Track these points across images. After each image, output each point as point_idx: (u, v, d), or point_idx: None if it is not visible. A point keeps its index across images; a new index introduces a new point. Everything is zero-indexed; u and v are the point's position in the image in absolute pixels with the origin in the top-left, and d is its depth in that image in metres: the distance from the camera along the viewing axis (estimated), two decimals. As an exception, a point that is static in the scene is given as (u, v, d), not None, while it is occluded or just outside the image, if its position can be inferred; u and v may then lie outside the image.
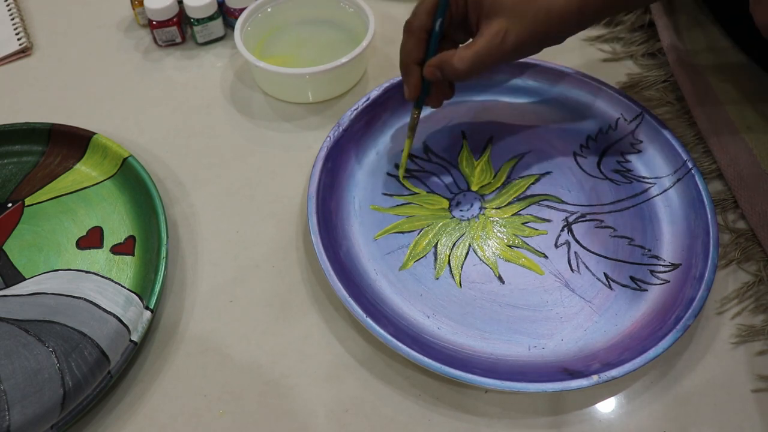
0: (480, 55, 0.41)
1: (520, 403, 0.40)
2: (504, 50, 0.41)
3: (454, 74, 0.42)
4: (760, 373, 0.41)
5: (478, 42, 0.41)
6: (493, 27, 0.40)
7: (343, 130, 0.50)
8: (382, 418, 0.40)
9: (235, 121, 0.55)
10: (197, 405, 0.40)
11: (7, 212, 0.48)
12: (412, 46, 0.43)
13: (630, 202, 0.48)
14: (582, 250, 0.46)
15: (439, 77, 0.43)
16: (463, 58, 0.41)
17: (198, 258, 0.47)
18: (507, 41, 0.40)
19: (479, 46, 0.41)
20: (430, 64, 0.43)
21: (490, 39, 0.40)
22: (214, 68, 0.60)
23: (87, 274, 0.45)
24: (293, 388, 0.41)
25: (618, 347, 0.41)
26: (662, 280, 0.44)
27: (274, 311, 0.44)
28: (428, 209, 0.48)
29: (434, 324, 0.42)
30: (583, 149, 0.51)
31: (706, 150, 0.51)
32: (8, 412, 0.38)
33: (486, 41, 0.40)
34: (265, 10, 0.58)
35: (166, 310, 0.44)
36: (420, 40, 0.43)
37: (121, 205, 0.49)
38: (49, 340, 0.41)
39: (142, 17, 0.62)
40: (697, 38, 0.56)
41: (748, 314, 0.43)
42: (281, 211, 0.49)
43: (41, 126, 0.51)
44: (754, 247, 0.46)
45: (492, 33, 0.40)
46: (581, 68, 0.55)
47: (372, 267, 0.45)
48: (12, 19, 0.64)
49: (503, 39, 0.40)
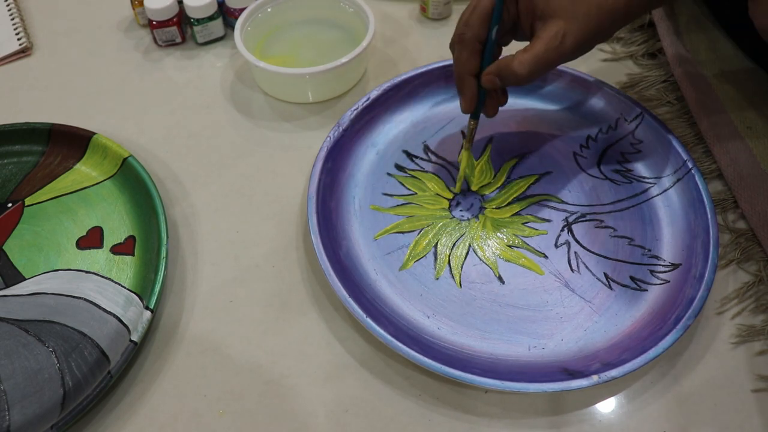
0: (540, 57, 0.40)
1: (520, 403, 0.40)
2: (564, 51, 0.40)
3: (515, 79, 0.41)
4: (760, 373, 0.41)
5: (537, 45, 0.40)
6: (550, 29, 0.40)
7: (343, 130, 0.50)
8: (382, 418, 0.40)
9: (235, 121, 0.55)
10: (197, 405, 0.40)
11: (7, 212, 0.48)
12: (467, 57, 0.42)
13: (630, 202, 0.48)
14: (582, 250, 0.46)
15: (498, 85, 0.42)
16: (523, 62, 0.40)
17: (198, 258, 0.47)
18: (566, 42, 0.40)
19: (538, 49, 0.40)
20: (488, 72, 0.42)
21: (548, 41, 0.40)
22: (214, 68, 0.60)
23: (87, 274, 0.45)
24: (293, 388, 0.41)
25: (618, 347, 0.41)
26: (662, 280, 0.44)
27: (274, 311, 0.44)
28: (428, 209, 0.48)
29: (434, 324, 0.42)
30: (583, 149, 0.51)
31: (706, 150, 0.51)
32: (8, 412, 0.38)
33: (545, 43, 0.40)
34: (265, 10, 0.58)
35: (166, 310, 0.44)
36: (474, 51, 0.42)
37: (121, 205, 0.49)
38: (49, 340, 0.41)
39: (142, 17, 0.62)
40: (697, 40, 0.56)
41: (748, 314, 0.43)
42: (281, 211, 0.49)
43: (41, 126, 0.51)
44: (754, 247, 0.46)
45: (550, 35, 0.40)
46: (581, 68, 0.55)
47: (372, 267, 0.45)
48: (12, 19, 0.64)
49: (562, 40, 0.40)
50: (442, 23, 0.63)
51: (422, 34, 0.62)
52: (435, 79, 0.54)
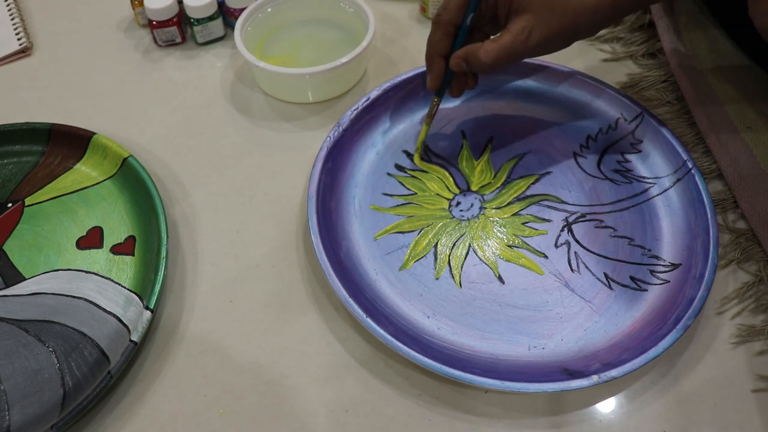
0: (505, 49, 0.42)
1: (520, 403, 0.40)
2: (528, 46, 0.42)
3: (480, 66, 0.43)
4: (760, 373, 0.41)
5: (504, 37, 0.42)
6: (519, 23, 0.42)
7: (343, 130, 0.50)
8: (382, 418, 0.40)
9: (235, 121, 0.55)
10: (197, 405, 0.40)
11: (7, 212, 0.48)
12: (439, 38, 0.45)
13: (630, 202, 0.48)
14: (582, 250, 0.46)
15: (465, 69, 0.44)
16: (488, 51, 0.42)
17: (198, 258, 0.47)
18: (532, 37, 0.42)
19: (504, 40, 0.42)
20: (456, 55, 0.44)
21: (515, 35, 0.42)
22: (214, 68, 0.60)
23: (87, 274, 0.45)
24: (293, 388, 0.41)
25: (618, 347, 0.41)
26: (662, 280, 0.44)
27: (274, 311, 0.44)
28: (428, 209, 0.48)
29: (434, 324, 0.42)
30: (583, 149, 0.51)
31: (706, 150, 0.51)
32: (8, 412, 0.38)
33: (511, 36, 0.42)
34: (265, 10, 0.58)
35: (166, 310, 0.44)
36: (447, 34, 0.44)
37: (121, 205, 0.49)
38: (49, 340, 0.41)
39: (142, 17, 0.62)
40: (697, 39, 0.56)
41: (748, 314, 0.43)
42: (281, 211, 0.49)
43: (41, 126, 0.51)
44: (754, 247, 0.46)
45: (518, 29, 0.41)
46: (581, 68, 0.55)
47: (372, 267, 0.45)
48: (12, 19, 0.64)
49: (528, 35, 0.41)
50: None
51: (422, 34, 0.62)
52: (435, 79, 0.54)
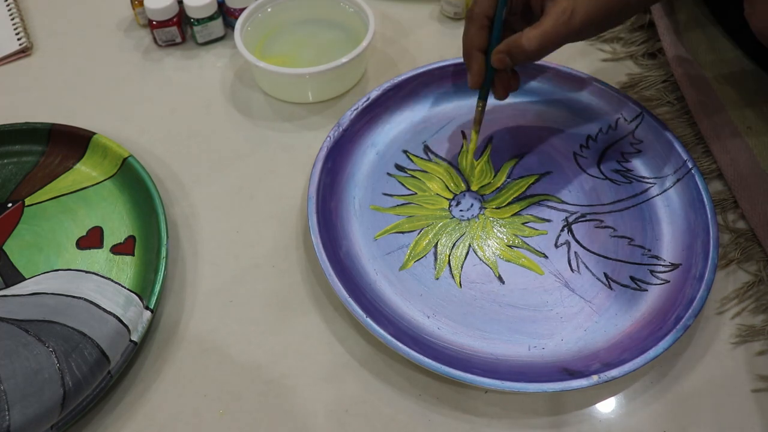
0: (548, 33, 0.40)
1: (520, 403, 0.40)
2: (573, 27, 0.40)
3: (524, 56, 0.41)
4: (760, 373, 0.41)
5: (546, 21, 0.41)
6: (559, 4, 0.40)
7: (343, 130, 0.50)
8: (382, 418, 0.40)
9: (235, 121, 0.55)
10: (197, 405, 0.40)
11: (7, 212, 0.48)
12: (475, 32, 0.43)
13: (630, 202, 0.48)
14: (582, 250, 0.46)
15: (509, 63, 0.42)
16: (531, 38, 0.41)
17: (198, 258, 0.47)
18: (575, 17, 0.40)
19: (547, 24, 0.40)
20: (498, 50, 0.42)
21: (556, 17, 0.40)
22: (214, 68, 0.60)
23: (87, 274, 0.45)
24: (293, 388, 0.41)
25: (618, 347, 0.41)
26: (662, 280, 0.44)
27: (274, 311, 0.44)
28: (428, 209, 0.48)
29: (434, 324, 0.42)
30: (583, 149, 0.51)
31: (706, 150, 0.51)
32: (8, 412, 0.38)
33: (553, 19, 0.40)
34: (265, 10, 0.58)
35: (166, 310, 0.44)
36: (482, 27, 0.43)
37: (121, 205, 0.49)
38: (49, 340, 0.41)
39: (142, 17, 0.62)
40: (697, 39, 0.56)
41: (748, 314, 0.43)
42: (281, 211, 0.49)
43: (41, 126, 0.51)
44: (754, 247, 0.46)
45: (558, 11, 0.40)
46: (581, 68, 0.55)
47: (372, 267, 0.45)
48: (12, 19, 0.64)
49: (571, 15, 0.40)
50: (442, 23, 0.63)
51: (422, 34, 0.62)
52: (435, 79, 0.54)
